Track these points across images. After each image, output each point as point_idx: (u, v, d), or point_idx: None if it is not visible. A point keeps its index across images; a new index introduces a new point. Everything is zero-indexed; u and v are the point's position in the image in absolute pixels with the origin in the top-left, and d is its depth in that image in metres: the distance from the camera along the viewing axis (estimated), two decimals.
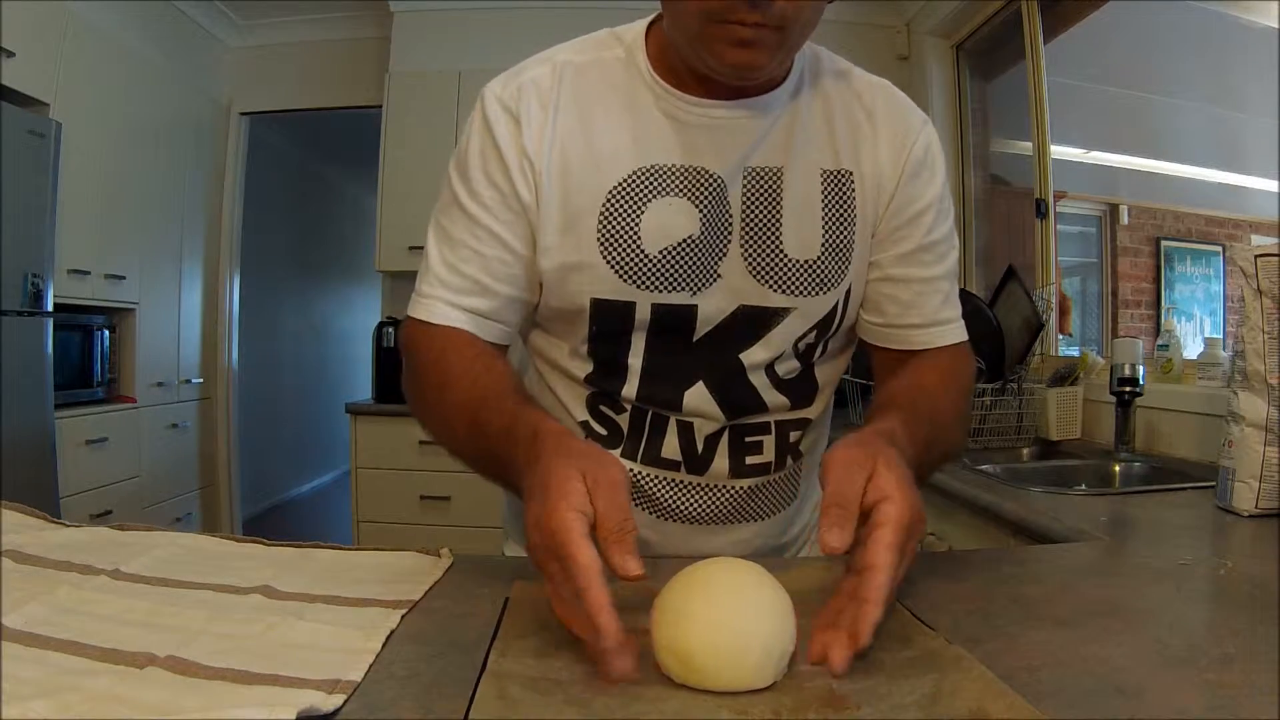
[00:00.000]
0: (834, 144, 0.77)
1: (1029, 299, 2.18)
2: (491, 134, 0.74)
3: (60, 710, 0.44)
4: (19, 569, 0.69)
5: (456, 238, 0.75)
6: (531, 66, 0.77)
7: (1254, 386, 1.05)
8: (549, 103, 0.74)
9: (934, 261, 0.80)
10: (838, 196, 0.77)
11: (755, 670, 0.49)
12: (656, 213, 0.73)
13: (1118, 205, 2.73)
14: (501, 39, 3.31)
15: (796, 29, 0.67)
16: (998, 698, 0.46)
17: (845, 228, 0.77)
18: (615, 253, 0.74)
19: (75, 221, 2.65)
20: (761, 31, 0.65)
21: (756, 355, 0.78)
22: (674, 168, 0.74)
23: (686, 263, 0.74)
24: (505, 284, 0.75)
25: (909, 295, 0.79)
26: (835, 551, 0.52)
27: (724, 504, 0.82)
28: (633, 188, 0.74)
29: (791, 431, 0.83)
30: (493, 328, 0.76)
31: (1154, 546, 0.98)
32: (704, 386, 0.78)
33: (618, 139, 0.74)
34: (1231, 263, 1.16)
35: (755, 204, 0.75)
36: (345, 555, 0.78)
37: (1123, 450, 1.75)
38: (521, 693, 0.48)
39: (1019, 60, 2.68)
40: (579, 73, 0.76)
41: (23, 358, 2.37)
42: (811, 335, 0.79)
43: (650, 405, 0.79)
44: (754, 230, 0.75)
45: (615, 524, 0.52)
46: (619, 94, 0.75)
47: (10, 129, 2.28)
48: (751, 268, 0.75)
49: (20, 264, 2.34)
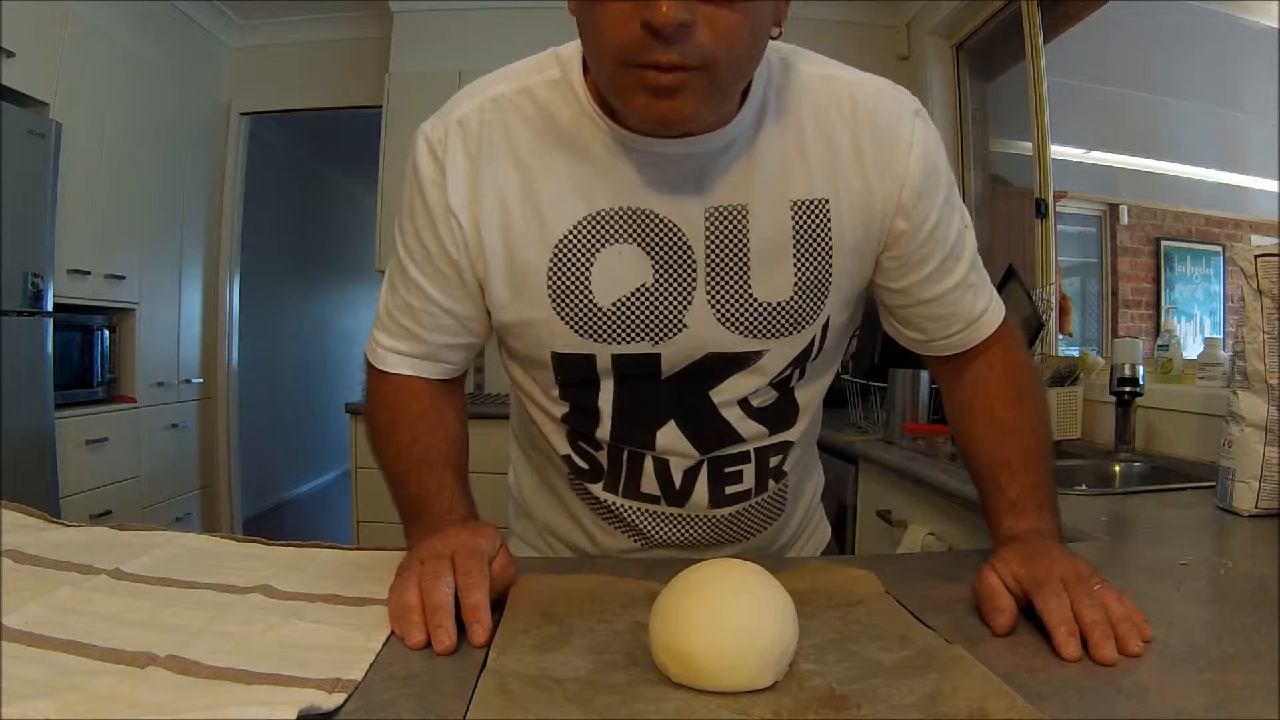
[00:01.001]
0: (806, 171, 0.70)
1: (1029, 299, 2.18)
2: (420, 186, 0.71)
3: (61, 710, 0.44)
4: (19, 569, 0.69)
5: (395, 284, 0.77)
6: (461, 102, 0.72)
7: (1254, 386, 1.05)
8: (476, 150, 0.69)
9: (955, 264, 0.76)
10: (811, 228, 0.71)
11: (755, 671, 0.49)
12: (605, 262, 0.69)
13: (1118, 205, 2.73)
14: (501, 39, 3.31)
15: (726, 67, 0.58)
16: (998, 697, 0.46)
17: (820, 260, 0.72)
18: (568, 308, 0.71)
19: (75, 221, 2.64)
20: (682, 76, 0.57)
21: (725, 394, 0.75)
22: (621, 211, 0.69)
23: (643, 313, 0.71)
24: (436, 333, 0.76)
25: (945, 310, 0.78)
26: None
27: (707, 531, 0.82)
28: (580, 238, 0.69)
29: (772, 457, 0.81)
30: (436, 367, 0.78)
31: (1154, 546, 0.98)
32: (675, 425, 0.76)
33: (558, 185, 0.69)
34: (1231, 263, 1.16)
35: (720, 247, 0.70)
36: (345, 555, 0.78)
37: (1123, 450, 1.75)
38: (522, 689, 0.48)
39: (1019, 60, 2.68)
40: (509, 107, 0.70)
41: (23, 358, 2.37)
42: (787, 370, 0.76)
43: (625, 445, 0.78)
44: (719, 275, 0.70)
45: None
46: (555, 129, 0.69)
47: (10, 129, 2.28)
48: (720, 315, 0.71)
49: (20, 264, 2.34)
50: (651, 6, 0.54)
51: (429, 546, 0.63)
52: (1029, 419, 0.78)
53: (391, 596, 0.60)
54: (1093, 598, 0.58)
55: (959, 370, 0.82)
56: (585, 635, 0.58)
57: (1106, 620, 0.56)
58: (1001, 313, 0.81)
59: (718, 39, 0.56)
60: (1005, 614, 0.59)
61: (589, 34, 0.60)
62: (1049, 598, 0.58)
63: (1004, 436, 0.76)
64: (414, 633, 0.56)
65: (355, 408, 3.11)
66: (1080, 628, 0.56)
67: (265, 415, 4.74)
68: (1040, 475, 0.74)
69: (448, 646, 0.55)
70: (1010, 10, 2.71)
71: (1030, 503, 0.71)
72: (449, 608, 0.57)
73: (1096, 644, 0.54)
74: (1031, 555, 0.62)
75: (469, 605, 0.57)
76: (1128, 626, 0.56)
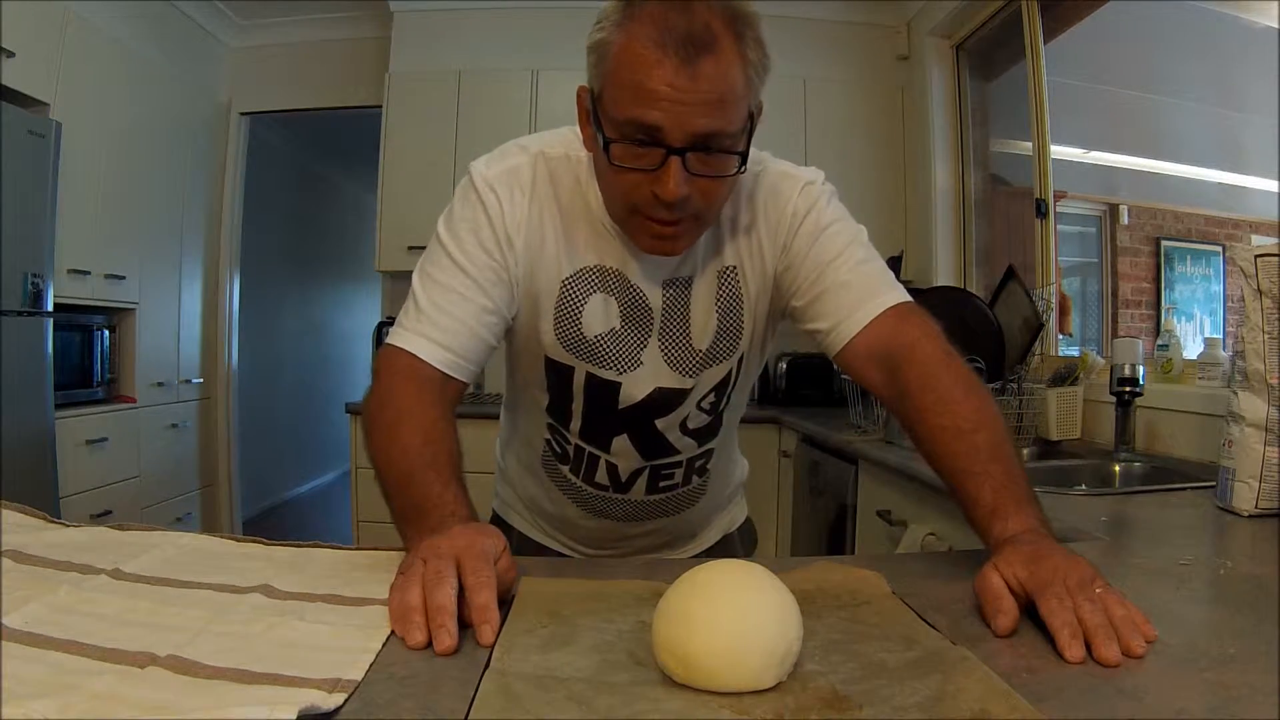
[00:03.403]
0: (724, 244, 0.91)
1: (1029, 299, 2.18)
2: (483, 206, 0.86)
3: (61, 710, 0.44)
4: (19, 569, 0.69)
5: (445, 283, 0.85)
6: (513, 154, 0.89)
7: (1254, 386, 1.05)
8: (527, 190, 0.88)
9: (841, 261, 0.88)
10: (728, 289, 0.92)
11: (756, 672, 0.49)
12: (594, 305, 0.90)
13: (1118, 205, 2.73)
14: (501, 39, 3.31)
15: (710, 214, 0.81)
16: (1000, 700, 0.46)
17: (734, 313, 0.93)
18: (563, 330, 0.90)
19: (75, 221, 2.64)
20: (679, 226, 0.79)
21: (667, 420, 0.96)
22: (612, 270, 0.89)
23: (614, 347, 0.91)
24: (484, 330, 0.86)
25: (837, 292, 0.88)
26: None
27: (641, 509, 1.04)
28: (578, 282, 0.89)
29: (698, 461, 1.02)
30: (464, 368, 0.86)
31: (1154, 546, 0.98)
32: (627, 439, 0.97)
33: (573, 238, 0.89)
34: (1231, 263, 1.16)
35: (671, 308, 0.91)
36: (345, 555, 0.78)
37: (1123, 450, 1.75)
38: (524, 689, 0.48)
39: (1019, 60, 2.68)
40: (550, 169, 0.88)
41: (23, 358, 2.37)
42: (711, 395, 0.96)
43: (588, 445, 0.98)
44: (669, 329, 0.92)
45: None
46: (575, 199, 0.88)
47: (10, 129, 2.28)
48: (666, 358, 0.93)
49: (20, 264, 2.34)
50: (661, 184, 0.74)
51: (432, 546, 0.63)
52: (978, 410, 0.78)
53: (393, 596, 0.60)
54: (1095, 601, 0.58)
55: (886, 366, 0.85)
56: (589, 635, 0.58)
57: (1109, 623, 0.56)
58: (905, 295, 0.89)
59: (706, 200, 0.78)
60: (1008, 616, 0.59)
61: (607, 185, 0.82)
62: (1052, 601, 0.58)
63: (961, 436, 0.76)
64: (415, 633, 0.56)
65: (355, 408, 3.11)
66: (1083, 630, 0.56)
67: (265, 415, 4.74)
68: (1008, 468, 0.73)
69: (449, 647, 0.54)
70: (1010, 10, 2.71)
71: (1009, 503, 0.70)
72: (451, 609, 0.57)
73: (1100, 645, 0.54)
74: (1035, 557, 0.62)
75: (478, 605, 0.58)
76: (1130, 628, 0.56)
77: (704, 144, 0.74)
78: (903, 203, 3.25)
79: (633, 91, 0.73)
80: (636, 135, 0.74)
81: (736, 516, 1.21)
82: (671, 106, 0.71)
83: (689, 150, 0.73)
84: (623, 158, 0.76)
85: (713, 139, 0.74)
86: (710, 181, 0.76)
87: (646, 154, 0.74)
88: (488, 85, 3.21)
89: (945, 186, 3.11)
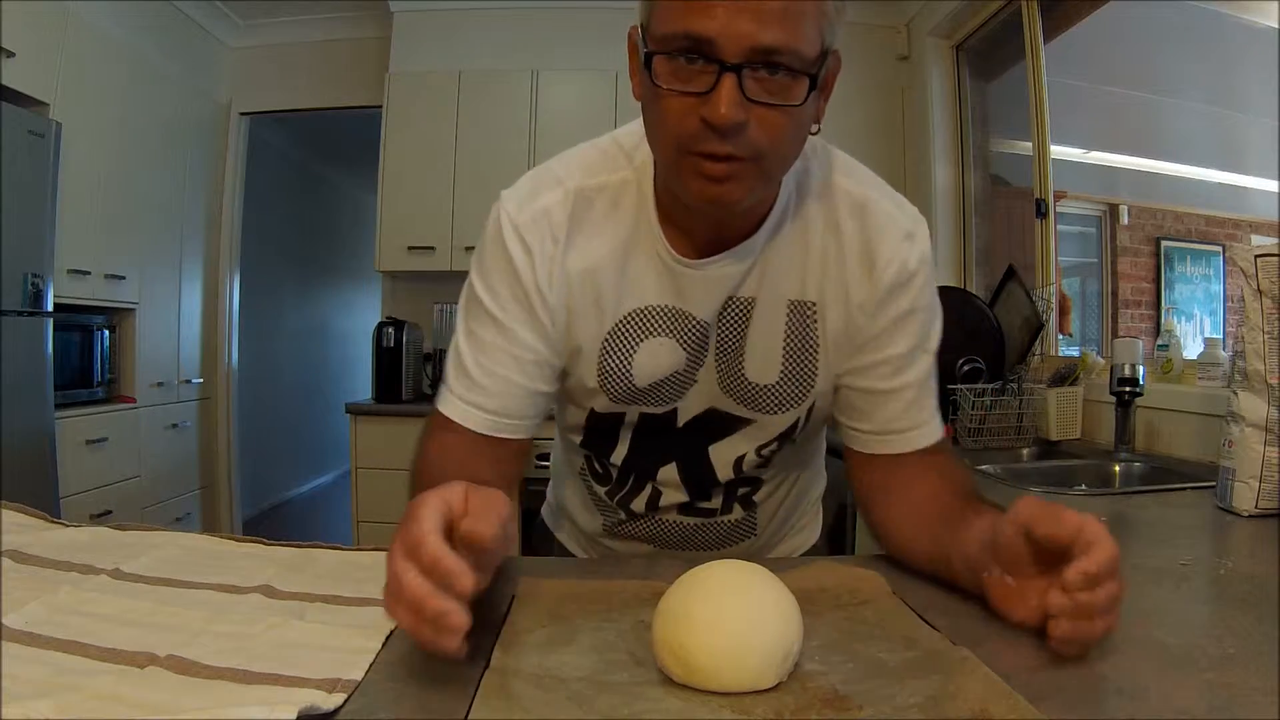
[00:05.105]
0: (804, 275, 0.78)
1: (1029, 299, 2.18)
2: (510, 259, 0.77)
3: (61, 710, 0.44)
4: (19, 569, 0.69)
5: (490, 341, 0.77)
6: (545, 190, 0.78)
7: (1254, 386, 1.05)
8: (560, 236, 0.77)
9: (891, 375, 0.79)
10: (800, 327, 0.79)
11: (756, 671, 0.49)
12: (648, 352, 0.79)
13: (1118, 205, 2.73)
14: (501, 39, 3.31)
15: (773, 159, 0.67)
16: (1001, 700, 0.46)
17: (807, 356, 0.80)
18: (611, 383, 0.81)
19: (75, 221, 2.64)
20: (734, 166, 0.65)
21: (722, 451, 0.86)
22: (664, 309, 0.78)
23: (673, 386, 0.82)
24: (539, 382, 0.79)
25: (865, 404, 0.80)
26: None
27: (672, 534, 0.93)
28: (627, 329, 0.79)
29: (740, 488, 0.90)
30: (521, 426, 0.79)
31: (1154, 546, 0.98)
32: (675, 467, 0.87)
33: (615, 278, 0.78)
34: (1231, 263, 1.16)
35: (727, 330, 0.80)
36: (345, 555, 0.79)
37: (1123, 450, 1.75)
38: (524, 689, 0.48)
39: (1019, 60, 2.68)
40: (588, 203, 0.78)
41: (23, 358, 2.37)
42: (774, 444, 0.86)
43: (632, 471, 0.89)
44: (723, 353, 0.81)
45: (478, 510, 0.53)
46: (622, 230, 0.77)
47: (10, 129, 2.28)
48: (720, 381, 0.82)
49: (20, 264, 2.34)
50: (710, 105, 0.62)
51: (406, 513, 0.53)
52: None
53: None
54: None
55: (884, 490, 0.80)
56: (590, 635, 0.58)
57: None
58: (939, 428, 0.81)
59: (766, 135, 0.64)
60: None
61: (652, 120, 0.69)
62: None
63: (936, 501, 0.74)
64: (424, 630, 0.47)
65: (355, 408, 3.11)
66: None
67: (265, 415, 4.74)
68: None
69: (457, 633, 0.47)
70: (1010, 10, 2.71)
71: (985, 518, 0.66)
72: (428, 591, 0.47)
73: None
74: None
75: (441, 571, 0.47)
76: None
77: (764, 60, 0.62)
78: None
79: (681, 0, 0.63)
80: (684, 49, 0.63)
81: (803, 543, 1.05)
82: (725, 12, 0.61)
83: (745, 66, 0.62)
84: (669, 79, 0.64)
85: (775, 55, 0.62)
86: (771, 111, 0.63)
87: (698, 74, 0.63)
88: (488, 85, 3.21)
89: (945, 186, 3.11)
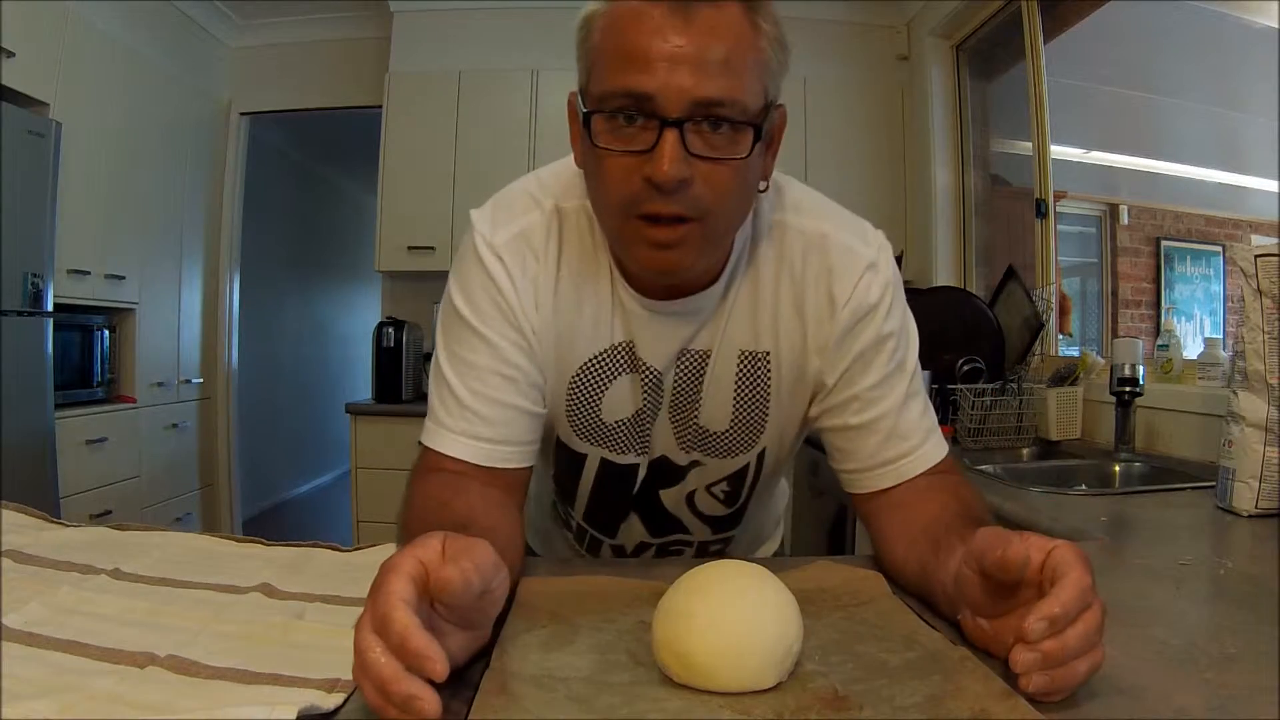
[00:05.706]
0: (755, 325, 0.77)
1: (1029, 299, 2.18)
2: (491, 279, 0.74)
3: (61, 710, 0.44)
4: (19, 569, 0.69)
5: (479, 364, 0.73)
6: (523, 208, 0.75)
7: (1254, 386, 1.05)
8: (540, 256, 0.75)
9: (861, 409, 0.76)
10: (751, 376, 0.79)
11: (756, 671, 0.49)
12: (616, 390, 0.79)
13: (1118, 205, 2.73)
14: (501, 39, 3.31)
15: (719, 217, 0.65)
16: (1001, 700, 0.46)
17: (757, 404, 0.80)
18: (578, 418, 0.81)
19: (75, 221, 2.64)
20: (681, 230, 0.63)
21: (671, 494, 0.87)
22: (625, 346, 0.78)
23: (634, 431, 0.82)
24: (532, 402, 0.76)
25: (844, 443, 0.78)
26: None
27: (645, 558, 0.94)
28: (596, 367, 0.78)
29: (712, 545, 0.93)
30: (520, 453, 0.75)
31: (1154, 546, 0.98)
32: (637, 519, 0.89)
33: (585, 319, 0.76)
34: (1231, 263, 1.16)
35: (683, 382, 0.80)
36: (345, 555, 0.79)
37: (1123, 450, 1.75)
38: (523, 689, 0.48)
39: (1019, 60, 2.68)
40: (568, 225, 0.75)
41: (23, 358, 2.37)
42: (724, 484, 0.86)
43: (590, 528, 0.92)
44: (678, 403, 0.81)
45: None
46: (591, 268, 0.76)
47: (10, 129, 2.27)
48: (674, 430, 0.82)
49: (20, 264, 2.34)
50: (653, 163, 0.60)
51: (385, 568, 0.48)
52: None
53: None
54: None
55: (879, 516, 0.76)
56: (590, 635, 0.58)
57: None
58: (940, 447, 0.77)
59: (712, 192, 0.63)
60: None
61: (595, 185, 0.67)
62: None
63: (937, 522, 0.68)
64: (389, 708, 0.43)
65: (355, 408, 3.11)
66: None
67: (265, 415, 4.74)
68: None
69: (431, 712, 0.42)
70: (1010, 10, 2.71)
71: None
72: (393, 673, 0.43)
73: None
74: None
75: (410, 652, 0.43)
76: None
77: (706, 114, 0.60)
78: (903, 203, 3.25)
79: (616, 56, 0.61)
80: (624, 106, 0.60)
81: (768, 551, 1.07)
82: (661, 65, 0.58)
83: (687, 121, 0.60)
84: (609, 139, 0.62)
85: (717, 107, 0.60)
86: (717, 167, 0.61)
87: (638, 132, 0.61)
88: (488, 85, 3.21)
89: (945, 186, 3.11)
